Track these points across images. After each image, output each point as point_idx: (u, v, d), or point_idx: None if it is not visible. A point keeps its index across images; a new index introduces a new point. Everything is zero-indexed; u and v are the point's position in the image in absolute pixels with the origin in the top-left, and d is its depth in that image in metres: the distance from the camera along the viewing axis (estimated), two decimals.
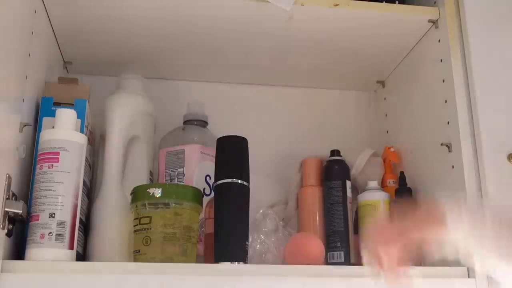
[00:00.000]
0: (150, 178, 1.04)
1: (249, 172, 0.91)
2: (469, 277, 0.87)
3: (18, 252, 0.80)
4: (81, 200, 0.84)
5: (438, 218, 0.70)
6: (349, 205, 1.06)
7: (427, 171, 1.03)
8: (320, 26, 1.02)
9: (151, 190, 0.87)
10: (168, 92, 1.21)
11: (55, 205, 0.79)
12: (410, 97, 1.12)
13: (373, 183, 1.08)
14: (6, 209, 0.73)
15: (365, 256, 0.75)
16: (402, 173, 1.08)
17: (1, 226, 0.72)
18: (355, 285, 0.84)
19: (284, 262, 0.96)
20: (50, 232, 0.78)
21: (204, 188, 1.01)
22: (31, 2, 0.87)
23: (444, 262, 0.91)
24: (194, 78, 1.22)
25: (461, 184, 0.90)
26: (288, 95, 1.26)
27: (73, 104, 0.90)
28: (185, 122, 1.10)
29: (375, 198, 1.06)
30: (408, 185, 1.07)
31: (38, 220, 0.78)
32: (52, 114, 0.86)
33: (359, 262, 1.05)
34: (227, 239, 0.86)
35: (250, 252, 0.90)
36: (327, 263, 1.01)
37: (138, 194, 0.88)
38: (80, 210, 0.84)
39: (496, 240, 0.68)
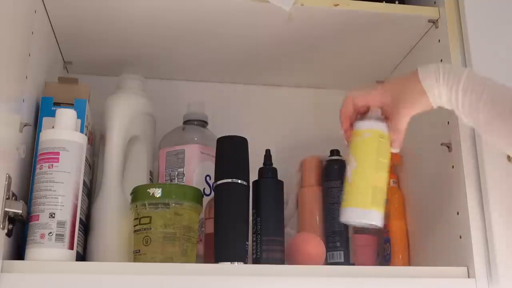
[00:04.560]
0: (150, 178, 1.04)
1: (249, 172, 0.91)
2: (469, 277, 0.87)
3: (18, 252, 0.80)
4: (81, 200, 0.84)
5: None
6: None
7: (427, 171, 1.03)
8: (320, 26, 1.02)
9: (151, 190, 0.87)
10: (168, 92, 1.20)
11: (55, 205, 0.79)
12: None
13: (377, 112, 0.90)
14: (6, 209, 0.73)
15: None
16: (268, 151, 0.96)
17: (1, 226, 0.72)
18: (355, 285, 0.84)
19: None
20: (50, 232, 0.78)
21: (204, 188, 1.01)
22: (31, 2, 0.87)
23: (444, 262, 0.92)
24: (194, 78, 1.22)
25: (461, 184, 0.90)
26: (288, 95, 1.26)
27: (73, 104, 0.90)
28: (185, 122, 1.10)
29: (371, 127, 0.88)
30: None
31: (38, 220, 0.78)
32: (52, 114, 0.86)
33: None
34: (227, 239, 0.86)
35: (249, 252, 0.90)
36: (327, 263, 1.01)
37: (138, 194, 0.88)
38: (80, 210, 0.84)
39: None
